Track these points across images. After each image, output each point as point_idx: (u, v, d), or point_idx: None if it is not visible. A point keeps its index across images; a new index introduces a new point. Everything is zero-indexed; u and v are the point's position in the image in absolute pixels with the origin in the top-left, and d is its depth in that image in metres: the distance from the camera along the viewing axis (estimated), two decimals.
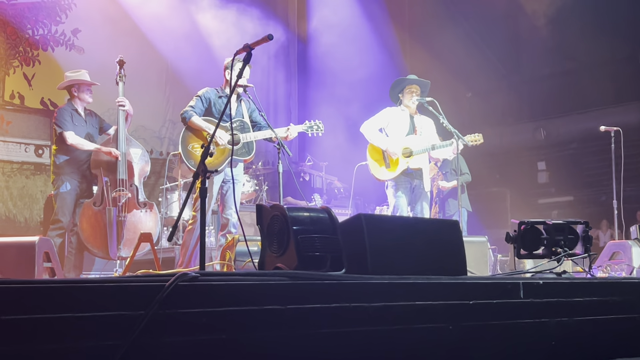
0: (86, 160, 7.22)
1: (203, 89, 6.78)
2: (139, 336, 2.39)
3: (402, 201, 7.27)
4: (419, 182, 7.32)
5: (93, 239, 7.04)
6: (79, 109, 7.32)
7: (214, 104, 6.67)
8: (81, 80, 7.32)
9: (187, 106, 6.62)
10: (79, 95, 7.31)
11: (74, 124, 7.16)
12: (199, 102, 6.63)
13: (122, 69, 7.40)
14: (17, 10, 11.01)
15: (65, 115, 7.16)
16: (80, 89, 7.31)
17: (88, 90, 7.35)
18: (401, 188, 7.31)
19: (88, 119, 7.36)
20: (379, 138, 7.42)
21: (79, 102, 7.32)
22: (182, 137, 6.61)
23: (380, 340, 2.97)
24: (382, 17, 14.58)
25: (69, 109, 7.25)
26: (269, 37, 4.01)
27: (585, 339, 3.61)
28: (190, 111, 6.55)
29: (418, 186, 7.34)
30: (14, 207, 10.82)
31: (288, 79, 14.68)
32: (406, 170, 7.25)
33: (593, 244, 4.51)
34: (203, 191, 3.67)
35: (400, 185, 7.31)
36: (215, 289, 2.65)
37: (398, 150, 7.28)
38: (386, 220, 4.05)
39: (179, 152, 6.65)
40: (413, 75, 7.61)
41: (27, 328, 2.26)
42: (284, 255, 3.44)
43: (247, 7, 13.00)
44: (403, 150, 7.28)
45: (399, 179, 7.30)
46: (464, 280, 3.39)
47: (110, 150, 7.14)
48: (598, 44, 13.50)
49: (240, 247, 5.48)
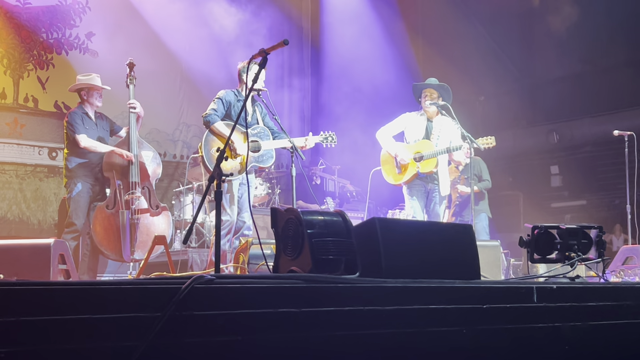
0: (98, 163, 7.26)
1: (222, 91, 6.80)
2: (155, 337, 2.41)
3: (416, 204, 7.31)
4: (434, 185, 7.33)
5: (107, 241, 7.08)
6: (90, 112, 7.34)
7: (233, 107, 6.70)
8: (91, 84, 7.35)
9: (210, 109, 6.62)
10: (89, 99, 7.34)
11: (85, 127, 7.19)
12: (220, 104, 6.64)
13: (133, 71, 7.43)
14: (31, 14, 11.09)
15: (77, 119, 7.19)
16: (90, 93, 7.34)
17: (98, 94, 7.38)
18: (415, 192, 7.34)
19: (99, 122, 7.40)
20: (391, 144, 7.48)
21: (88, 106, 7.36)
22: (205, 140, 6.64)
23: (394, 344, 2.98)
24: (395, 21, 14.58)
25: (80, 113, 7.28)
26: (284, 42, 4.03)
27: (599, 343, 3.61)
28: (213, 115, 6.57)
29: (433, 190, 7.35)
30: (28, 209, 10.89)
31: (301, 83, 14.69)
32: (418, 175, 7.27)
33: (607, 249, 4.49)
34: (218, 195, 3.69)
35: (414, 189, 7.34)
36: (231, 291, 2.67)
37: (409, 155, 7.31)
38: (400, 224, 4.06)
39: (201, 154, 6.66)
40: (433, 79, 7.59)
41: (44, 329, 2.29)
42: (298, 258, 3.45)
43: (261, 10, 13.05)
44: (414, 155, 7.30)
45: (413, 183, 7.33)
46: (478, 285, 3.40)
47: (123, 153, 7.18)
48: (612, 47, 13.47)
49: (254, 249, 5.51)
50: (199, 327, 2.54)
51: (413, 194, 7.34)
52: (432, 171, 7.27)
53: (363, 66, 13.38)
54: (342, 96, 13.59)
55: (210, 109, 6.62)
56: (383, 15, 14.20)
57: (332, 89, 14.13)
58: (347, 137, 11.95)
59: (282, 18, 14.13)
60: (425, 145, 7.31)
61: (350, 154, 12.20)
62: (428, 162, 7.25)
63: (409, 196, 7.39)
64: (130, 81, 7.41)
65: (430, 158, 7.24)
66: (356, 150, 11.88)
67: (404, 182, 7.35)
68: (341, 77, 13.74)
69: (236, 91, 6.80)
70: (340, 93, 13.70)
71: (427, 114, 7.46)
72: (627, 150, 8.99)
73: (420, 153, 7.28)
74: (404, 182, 7.36)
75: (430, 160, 7.25)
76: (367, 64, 13.43)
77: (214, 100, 6.70)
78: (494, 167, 13.93)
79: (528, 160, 15.43)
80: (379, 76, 13.08)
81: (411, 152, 7.33)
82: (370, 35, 13.86)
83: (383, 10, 14.21)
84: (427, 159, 7.24)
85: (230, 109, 6.69)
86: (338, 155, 12.28)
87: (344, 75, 13.62)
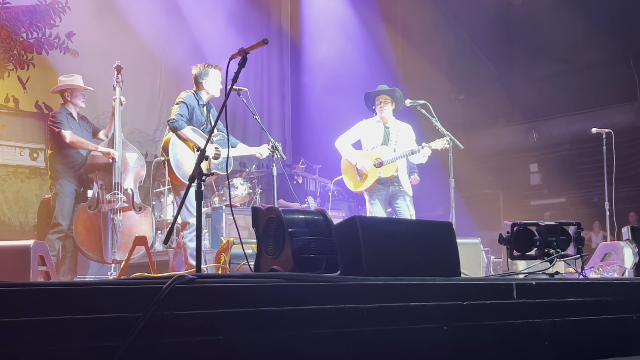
0: (83, 164, 7.24)
1: (184, 92, 6.58)
2: (136, 338, 2.41)
3: (377, 208, 7.38)
4: (395, 187, 7.37)
5: (88, 242, 7.05)
6: (73, 113, 7.34)
7: (194, 110, 6.53)
8: (74, 85, 7.34)
9: (176, 114, 6.33)
10: (72, 100, 7.33)
11: (70, 126, 7.18)
12: (185, 108, 6.40)
13: (120, 75, 7.39)
14: (11, 14, 10.99)
15: (62, 117, 7.19)
16: (73, 94, 7.33)
17: (81, 95, 7.38)
18: (375, 195, 7.40)
19: (81, 122, 7.39)
20: (351, 153, 7.55)
21: (72, 106, 7.35)
22: (172, 144, 6.37)
23: (375, 341, 3.00)
24: (374, 20, 14.61)
25: (64, 112, 7.28)
26: (264, 42, 4.03)
27: (578, 339, 3.65)
28: (181, 121, 6.27)
29: (395, 191, 7.38)
30: (9, 211, 10.80)
31: (281, 83, 14.69)
32: (379, 181, 7.33)
33: (586, 246, 4.55)
34: (199, 194, 3.70)
35: (374, 193, 7.41)
36: (212, 291, 2.68)
37: (369, 162, 7.37)
38: (380, 222, 4.08)
39: (167, 158, 6.47)
40: (383, 86, 7.65)
41: (24, 331, 2.29)
42: (279, 257, 3.47)
43: (241, 10, 13.03)
44: (374, 161, 7.35)
45: (374, 189, 7.39)
46: (458, 281, 3.43)
47: (108, 151, 7.15)
48: (590, 45, 13.56)
49: (235, 249, 5.50)
50: (180, 327, 2.55)
51: (374, 198, 7.41)
52: (394, 175, 7.31)
53: (342, 65, 13.38)
54: (322, 95, 13.59)
55: (176, 114, 6.32)
56: (363, 17, 14.22)
57: (311, 87, 14.14)
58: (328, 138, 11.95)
59: (262, 18, 14.12)
60: (384, 151, 7.37)
61: (331, 153, 12.21)
62: (388, 167, 7.30)
63: (369, 201, 7.46)
64: (118, 84, 7.37)
65: (390, 163, 7.29)
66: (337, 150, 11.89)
67: (365, 189, 7.41)
68: (321, 77, 13.75)
69: (194, 93, 6.61)
70: (320, 92, 13.71)
71: (382, 120, 7.52)
72: (604, 147, 9.07)
73: (380, 159, 7.34)
74: (365, 189, 7.42)
75: (390, 165, 7.30)
76: (346, 65, 13.44)
77: (177, 104, 6.44)
78: (473, 165, 14.05)
79: (507, 158, 15.52)
80: (358, 77, 13.09)
81: (370, 159, 7.40)
82: (349, 36, 13.88)
83: (363, 11, 14.23)
84: (387, 164, 7.30)
85: (193, 113, 6.53)
86: (319, 155, 12.28)
87: (324, 74, 13.62)
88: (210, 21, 12.21)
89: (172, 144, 6.38)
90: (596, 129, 9.17)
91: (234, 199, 9.74)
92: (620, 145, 9.92)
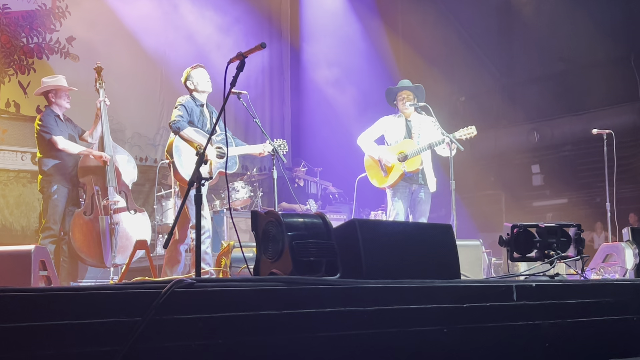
0: (74, 167, 7.22)
1: (182, 97, 6.71)
2: (136, 342, 2.41)
3: (399, 206, 7.31)
4: (419, 187, 7.34)
5: (87, 248, 7.04)
6: (60, 114, 7.27)
7: (193, 113, 6.64)
8: (58, 85, 7.28)
9: (176, 116, 6.48)
10: (57, 100, 7.25)
11: (60, 129, 7.13)
12: (184, 110, 6.53)
13: (101, 76, 7.38)
14: (11, 19, 11.02)
15: (50, 121, 7.12)
16: (58, 94, 7.26)
17: (65, 95, 7.30)
18: (398, 194, 7.35)
19: (67, 124, 7.35)
20: (373, 148, 7.50)
21: (57, 107, 7.27)
22: (175, 147, 6.51)
23: (375, 344, 3.00)
24: (375, 22, 14.61)
25: (52, 115, 7.19)
26: (262, 46, 4.03)
27: (578, 340, 3.64)
28: (181, 121, 6.46)
29: (418, 190, 7.36)
30: (11, 216, 10.82)
31: (281, 86, 14.70)
32: (404, 175, 7.28)
33: (588, 246, 4.55)
34: (198, 198, 3.70)
35: (398, 190, 7.35)
36: (211, 295, 2.68)
37: (393, 156, 7.32)
38: (380, 224, 4.07)
39: (172, 160, 6.57)
40: (406, 81, 7.62)
41: (25, 335, 2.29)
42: (279, 260, 3.46)
43: (241, 14, 13.05)
44: (398, 155, 7.31)
45: (398, 186, 7.34)
46: (458, 284, 3.42)
47: (101, 155, 7.14)
48: (591, 45, 13.55)
49: (235, 253, 5.51)
50: (179, 331, 2.54)
51: (397, 196, 7.35)
52: (418, 169, 7.28)
53: (344, 70, 13.39)
54: (322, 97, 13.60)
55: (176, 116, 6.48)
56: (363, 19, 14.23)
57: (311, 90, 14.14)
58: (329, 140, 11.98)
59: (262, 22, 14.14)
60: (408, 145, 7.32)
61: (332, 156, 12.21)
62: (412, 160, 7.26)
63: (392, 198, 7.39)
64: (100, 85, 7.36)
65: (414, 156, 7.25)
66: (338, 152, 11.90)
67: (390, 185, 7.35)
68: (321, 78, 13.75)
69: (191, 97, 6.73)
70: (320, 94, 13.71)
71: (404, 114, 7.50)
72: (606, 148, 9.06)
73: (404, 153, 7.29)
74: (389, 185, 7.36)
75: (414, 159, 7.26)
76: (347, 67, 13.45)
77: (177, 107, 6.59)
78: (475, 167, 14.05)
79: (509, 159, 15.50)
80: (360, 79, 13.10)
81: (394, 153, 7.34)
82: (350, 39, 13.89)
83: (363, 14, 14.24)
84: (412, 158, 7.26)
85: (192, 114, 6.64)
86: (320, 158, 12.29)
87: (324, 76, 13.63)
88: (210, 25, 12.23)
89: (175, 146, 6.50)
90: (597, 130, 9.16)
91: (235, 203, 9.76)
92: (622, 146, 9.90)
